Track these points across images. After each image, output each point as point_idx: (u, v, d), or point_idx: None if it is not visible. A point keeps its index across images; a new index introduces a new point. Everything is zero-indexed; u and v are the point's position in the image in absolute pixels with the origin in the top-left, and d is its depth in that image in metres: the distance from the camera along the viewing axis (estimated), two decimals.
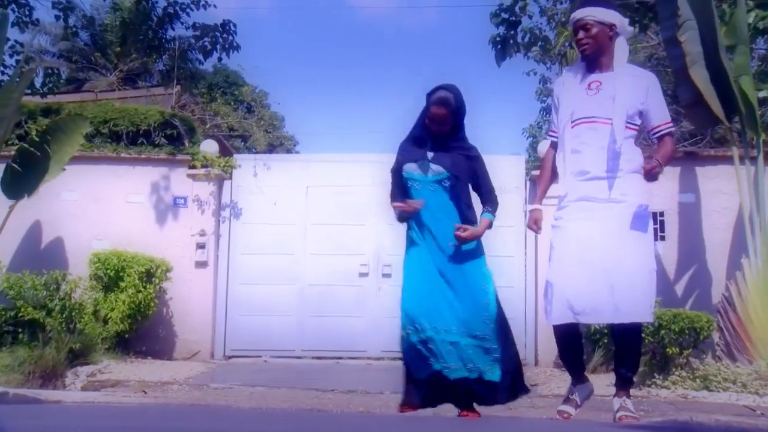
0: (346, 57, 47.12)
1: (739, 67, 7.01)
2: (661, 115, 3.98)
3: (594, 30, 3.98)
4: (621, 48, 4.03)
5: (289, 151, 20.35)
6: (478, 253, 4.22)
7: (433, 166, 4.22)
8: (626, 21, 4.11)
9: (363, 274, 9.05)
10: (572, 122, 3.98)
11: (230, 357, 8.95)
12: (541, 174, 4.32)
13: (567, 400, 4.08)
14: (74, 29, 13.23)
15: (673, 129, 4.04)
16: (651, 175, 3.78)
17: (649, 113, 3.96)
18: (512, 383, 4.17)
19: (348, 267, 9.05)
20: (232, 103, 16.61)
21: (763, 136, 7.29)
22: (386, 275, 8.90)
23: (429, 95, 4.24)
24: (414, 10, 49.55)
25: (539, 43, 10.39)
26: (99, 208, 8.89)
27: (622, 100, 3.87)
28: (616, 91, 3.89)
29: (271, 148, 17.61)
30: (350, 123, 38.94)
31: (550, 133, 4.26)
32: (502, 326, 4.15)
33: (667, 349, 6.87)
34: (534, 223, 4.14)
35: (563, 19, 14.34)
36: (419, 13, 52.13)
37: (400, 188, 4.35)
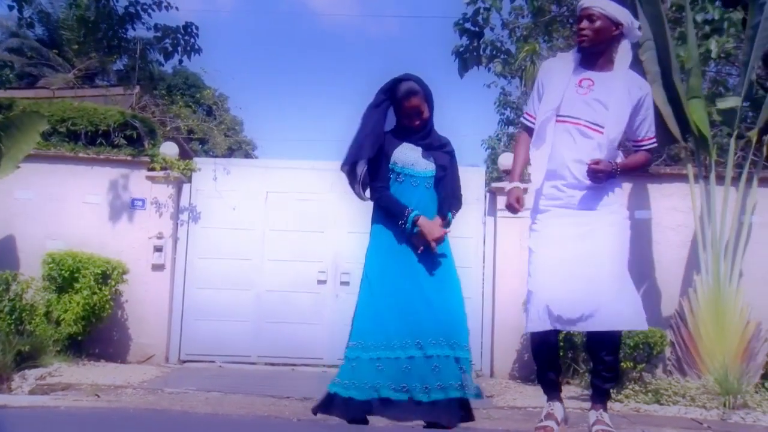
0: (306, 63, 47.11)
1: (692, 89, 7.18)
2: (647, 130, 3.90)
3: (598, 23, 3.78)
4: (624, 51, 3.86)
5: (247, 156, 20.27)
6: (447, 255, 4.09)
7: (427, 162, 4.11)
8: (637, 24, 3.92)
9: (321, 281, 9.05)
10: (558, 117, 3.84)
11: (185, 361, 8.87)
12: (516, 156, 4.09)
13: (548, 416, 3.88)
14: (30, 20, 12.97)
15: (654, 145, 3.98)
16: (591, 174, 3.70)
17: (635, 125, 3.87)
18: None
19: (306, 274, 9.03)
20: (192, 106, 16.48)
21: (715, 156, 7.49)
22: (344, 283, 8.90)
23: (389, 91, 4.07)
24: (376, 19, 49.76)
25: (501, 56, 10.49)
26: (54, 208, 8.74)
27: (616, 111, 3.76)
28: (611, 99, 3.76)
29: (230, 152, 17.49)
30: (309, 130, 38.94)
31: (526, 116, 4.04)
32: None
33: (622, 364, 6.98)
34: (516, 201, 3.88)
35: (525, 33, 14.57)
36: (381, 22, 52.33)
37: (384, 179, 4.11)
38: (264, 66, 47.49)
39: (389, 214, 4.07)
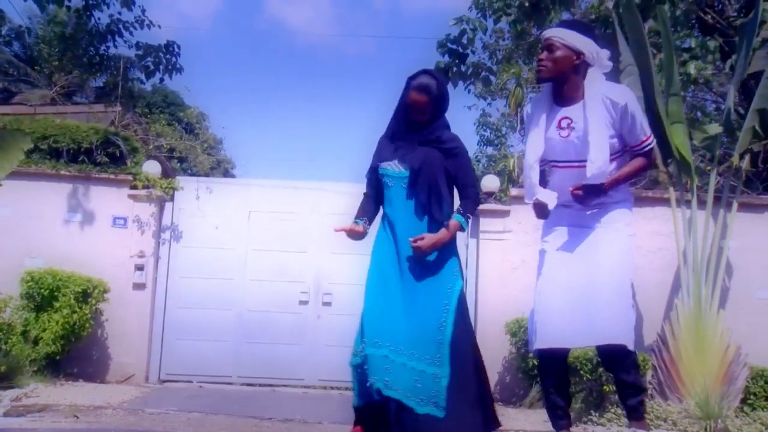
0: (284, 82, 47.18)
1: (672, 115, 7.27)
2: (639, 134, 3.82)
3: (557, 53, 3.78)
4: (593, 79, 3.81)
5: (227, 174, 20.23)
6: (442, 264, 3.92)
7: (403, 161, 3.96)
8: (604, 53, 3.88)
9: (303, 302, 9.02)
10: (550, 163, 3.88)
11: (165, 381, 8.78)
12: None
13: None
14: (8, 38, 12.89)
15: (650, 146, 3.89)
16: (575, 199, 3.74)
17: (625, 134, 3.82)
18: (473, 421, 3.81)
19: (288, 294, 9.00)
20: (174, 124, 16.43)
21: (697, 181, 7.58)
22: (326, 303, 8.89)
23: (410, 79, 3.95)
24: (353, 39, 50.00)
25: (482, 74, 10.54)
26: (34, 226, 8.65)
27: (595, 140, 3.70)
28: (589, 131, 3.72)
29: (209, 171, 17.46)
30: (288, 150, 38.92)
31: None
32: (461, 354, 3.80)
33: (604, 387, 7.01)
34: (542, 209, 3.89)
35: (506, 55, 14.72)
36: (358, 42, 52.58)
37: (375, 187, 4.10)
38: (242, 85, 47.49)
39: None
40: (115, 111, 11.85)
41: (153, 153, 10.58)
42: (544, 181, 3.96)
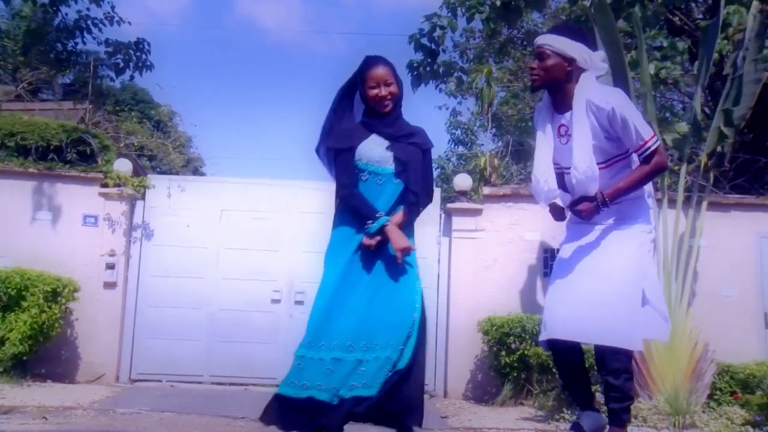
0: (254, 80, 46.96)
1: (645, 114, 7.36)
2: (636, 137, 3.67)
3: (549, 61, 3.70)
4: (582, 84, 3.72)
5: (196, 172, 20.10)
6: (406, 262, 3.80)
7: (392, 156, 3.82)
8: (597, 56, 3.81)
9: (275, 301, 8.99)
10: (555, 166, 3.85)
11: (135, 381, 8.71)
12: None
13: (575, 426, 3.76)
14: None
15: (654, 146, 3.69)
16: (576, 214, 3.74)
17: (621, 140, 3.71)
18: (404, 405, 3.68)
19: (260, 293, 8.97)
20: (145, 122, 16.29)
21: (668, 180, 7.69)
22: (299, 302, 8.86)
23: (368, 68, 3.82)
24: (323, 36, 49.87)
25: (455, 73, 10.58)
26: (1, 224, 8.53)
27: (579, 144, 3.65)
28: (573, 138, 3.69)
29: (180, 169, 17.34)
30: (257, 147, 38.74)
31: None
32: (421, 353, 3.75)
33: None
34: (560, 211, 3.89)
35: (478, 54, 14.79)
36: (328, 40, 52.49)
37: (352, 176, 3.82)
38: (211, 83, 47.20)
39: (356, 214, 3.80)
40: (85, 108, 11.70)
41: (124, 151, 10.49)
42: (562, 185, 3.89)
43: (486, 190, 9.01)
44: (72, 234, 8.65)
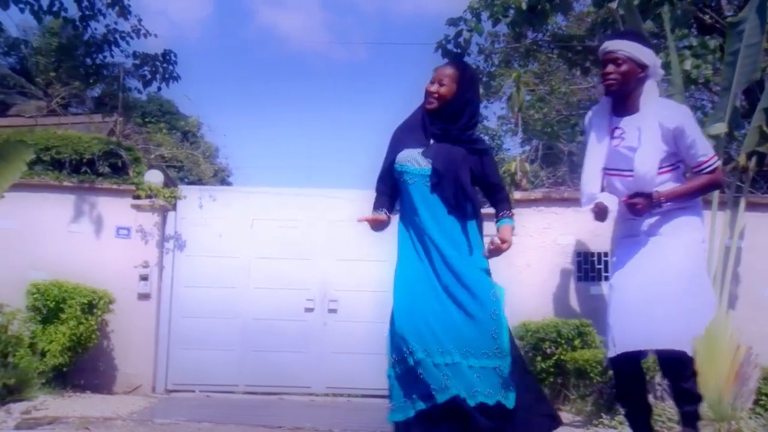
0: (277, 89, 47.17)
1: None
2: (697, 154, 3.76)
3: (624, 67, 3.74)
4: (650, 92, 3.80)
5: (223, 182, 20.21)
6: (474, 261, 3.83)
7: (426, 160, 3.82)
8: (659, 63, 3.88)
9: (308, 309, 8.98)
10: (604, 170, 3.88)
11: (171, 391, 8.75)
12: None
13: None
14: (5, 50, 12.91)
15: (714, 166, 3.79)
16: (628, 207, 3.75)
17: (684, 153, 3.77)
18: (529, 416, 3.70)
19: (293, 302, 8.97)
20: (174, 133, 16.42)
21: None
22: (332, 311, 8.86)
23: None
24: (342, 46, 50.00)
25: (483, 79, 10.54)
26: (37, 238, 8.60)
27: (645, 147, 3.70)
28: (640, 138, 3.72)
29: (209, 179, 17.44)
30: (283, 156, 38.89)
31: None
32: (514, 344, 3.76)
33: (615, 389, 6.98)
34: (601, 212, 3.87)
35: (501, 58, 14.73)
36: (348, 49, 52.64)
37: (390, 185, 3.91)
38: (236, 92, 47.47)
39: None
40: (114, 120, 11.81)
41: (153, 162, 10.56)
42: (611, 188, 3.94)
43: (517, 195, 8.94)
44: (106, 246, 8.71)
